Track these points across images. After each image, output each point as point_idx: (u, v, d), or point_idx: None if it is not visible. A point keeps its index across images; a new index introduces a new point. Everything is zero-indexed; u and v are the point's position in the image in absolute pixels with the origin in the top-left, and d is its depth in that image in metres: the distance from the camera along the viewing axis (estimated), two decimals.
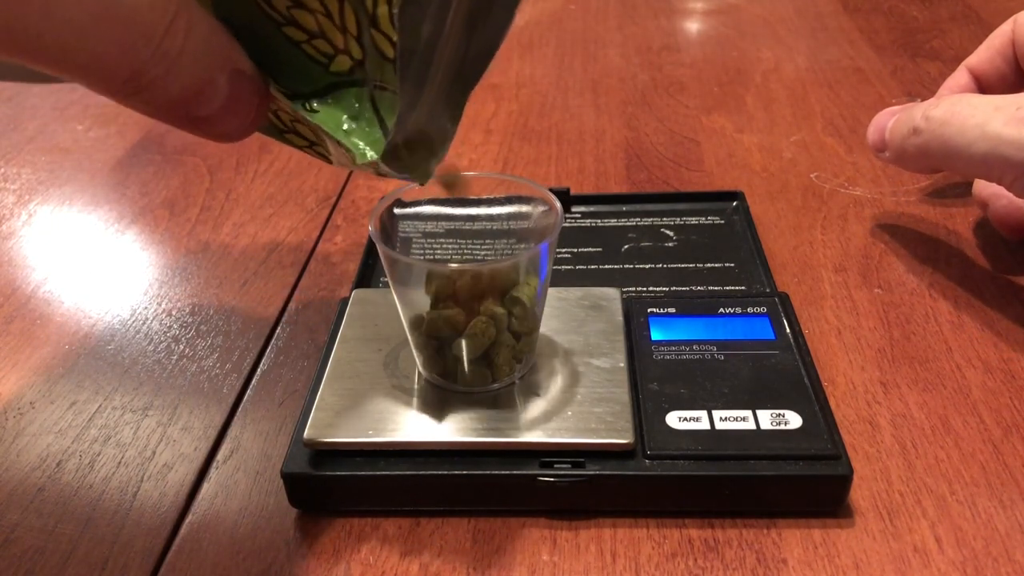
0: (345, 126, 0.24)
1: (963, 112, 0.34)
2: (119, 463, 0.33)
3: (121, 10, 0.20)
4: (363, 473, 0.29)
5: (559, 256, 0.42)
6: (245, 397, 0.36)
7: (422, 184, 0.25)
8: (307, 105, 0.24)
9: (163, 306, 0.41)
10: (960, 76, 0.43)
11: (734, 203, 0.45)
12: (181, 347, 0.38)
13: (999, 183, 0.34)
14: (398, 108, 0.22)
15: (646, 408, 0.31)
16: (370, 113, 0.24)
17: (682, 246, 0.42)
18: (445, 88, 0.23)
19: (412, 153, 0.24)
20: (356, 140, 0.24)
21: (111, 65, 0.20)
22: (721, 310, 0.35)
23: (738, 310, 0.35)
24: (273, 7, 0.23)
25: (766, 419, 0.30)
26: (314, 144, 0.26)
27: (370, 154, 0.24)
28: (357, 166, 0.25)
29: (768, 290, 0.38)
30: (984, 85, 0.42)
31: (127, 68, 0.20)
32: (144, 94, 0.21)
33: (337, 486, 0.30)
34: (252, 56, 0.23)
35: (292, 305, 0.41)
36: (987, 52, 0.42)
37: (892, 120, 0.39)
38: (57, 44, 0.19)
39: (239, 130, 0.24)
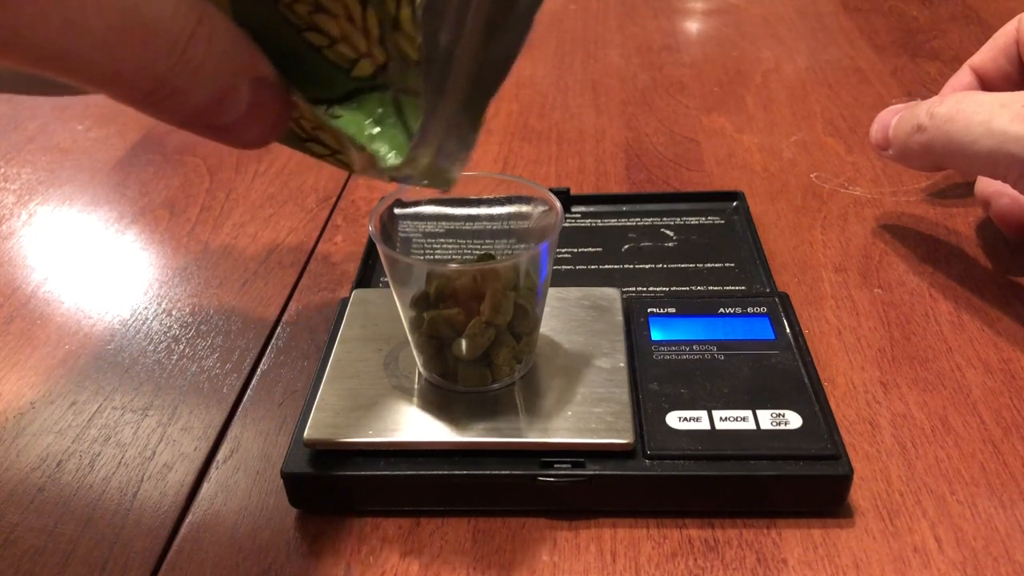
0: (368, 131, 0.24)
1: (968, 109, 0.34)
2: (119, 463, 0.33)
3: (143, 20, 0.19)
4: (363, 473, 0.29)
5: (559, 256, 0.42)
6: (245, 397, 0.36)
7: (445, 192, 0.25)
8: (329, 111, 0.24)
9: (163, 306, 0.41)
10: (963, 75, 0.43)
11: (734, 203, 0.45)
12: (181, 347, 0.38)
13: (1004, 180, 0.34)
14: (422, 112, 0.22)
15: (646, 408, 0.31)
16: (393, 118, 0.24)
17: (682, 246, 0.42)
18: (465, 96, 0.23)
19: (438, 159, 0.24)
20: (380, 145, 0.24)
21: (133, 75, 0.20)
22: (721, 310, 0.35)
23: (738, 310, 0.35)
24: (294, 12, 0.23)
25: (766, 419, 0.30)
26: (336, 152, 0.26)
27: (393, 159, 0.23)
28: (380, 172, 0.24)
29: (768, 290, 0.38)
30: (987, 84, 0.42)
31: (150, 78, 0.20)
32: (166, 103, 0.21)
33: (337, 486, 0.30)
34: (273, 63, 0.23)
35: (292, 305, 0.41)
36: (990, 51, 0.42)
37: (896, 118, 0.39)
38: (78, 56, 0.19)
39: (261, 137, 0.24)
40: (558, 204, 0.30)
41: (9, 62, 0.19)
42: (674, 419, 0.30)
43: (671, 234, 0.43)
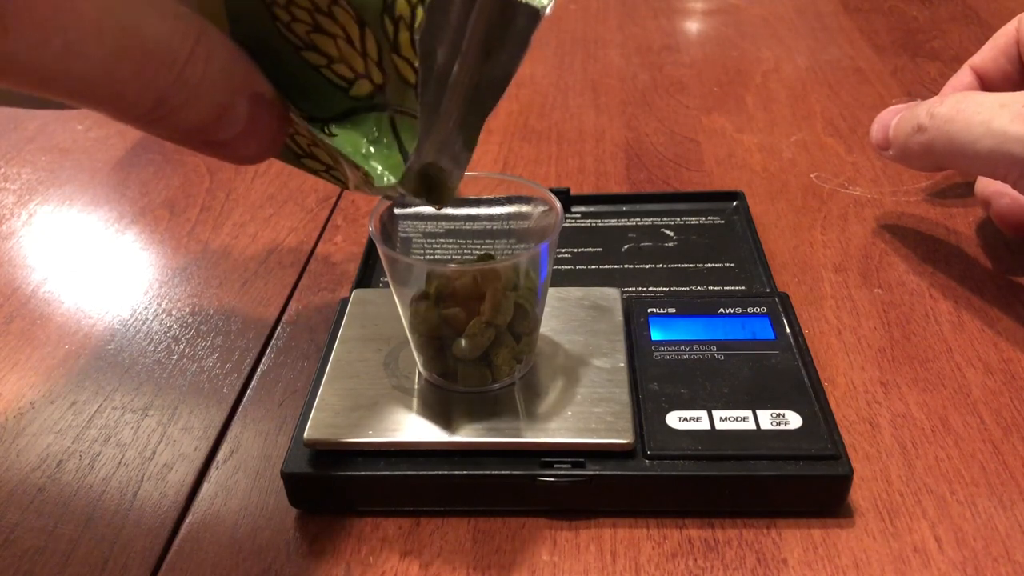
0: (364, 150, 0.24)
1: (968, 109, 0.34)
2: (119, 463, 0.33)
3: (142, 41, 0.19)
4: (363, 473, 0.29)
5: (559, 256, 0.42)
6: (245, 397, 0.36)
7: (438, 209, 0.25)
8: (325, 129, 0.24)
9: (163, 306, 0.41)
10: (964, 75, 0.43)
11: (734, 203, 0.45)
12: (181, 347, 0.38)
13: (1004, 180, 0.34)
14: (419, 132, 0.22)
15: (646, 408, 0.31)
16: (389, 137, 0.24)
17: (682, 246, 0.42)
18: (460, 115, 0.23)
19: (428, 178, 0.24)
20: (375, 164, 0.24)
21: (133, 96, 0.20)
22: (721, 310, 0.35)
23: (738, 310, 0.35)
24: (293, 32, 0.23)
25: (766, 419, 0.30)
26: (331, 168, 0.26)
27: (388, 178, 0.23)
28: (374, 190, 0.24)
29: (768, 290, 0.38)
30: (988, 84, 0.42)
31: (149, 98, 0.20)
32: (165, 121, 0.21)
33: (337, 486, 0.30)
34: (270, 80, 0.23)
35: (292, 305, 0.41)
36: (991, 51, 0.42)
37: (896, 118, 0.39)
38: (79, 78, 0.19)
39: (258, 154, 0.24)
40: (558, 204, 0.30)
41: (9, 85, 0.19)
42: (674, 419, 0.30)
43: (671, 234, 0.43)
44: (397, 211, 0.32)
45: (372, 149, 0.24)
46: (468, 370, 0.30)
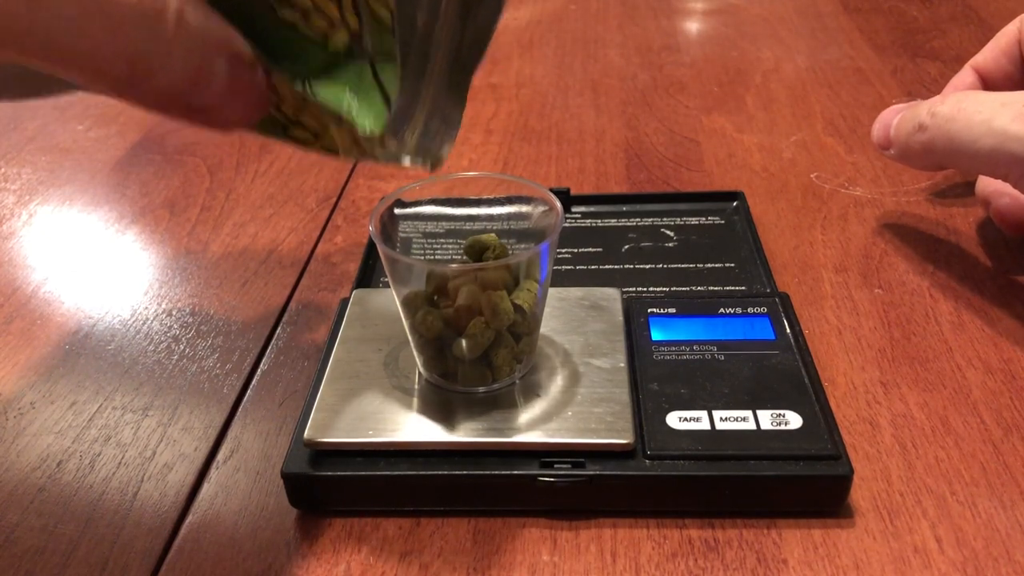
0: (346, 104, 0.24)
1: (969, 108, 0.34)
2: (119, 463, 0.33)
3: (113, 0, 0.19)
4: (363, 473, 0.29)
5: (559, 256, 0.42)
6: (245, 397, 0.36)
7: (434, 170, 0.25)
8: (306, 85, 0.24)
9: (163, 306, 0.41)
10: (965, 75, 0.43)
11: (734, 203, 0.45)
12: (181, 347, 0.38)
13: (1004, 179, 0.35)
14: (401, 84, 0.22)
15: (646, 408, 0.31)
16: (371, 87, 0.24)
17: (682, 246, 0.42)
18: (445, 76, 0.23)
19: (423, 139, 0.24)
20: (359, 115, 0.24)
21: (106, 57, 0.20)
22: (721, 310, 0.35)
23: (738, 310, 0.35)
24: None
25: (766, 419, 0.30)
26: (320, 136, 0.26)
27: (373, 126, 0.23)
28: (364, 154, 0.24)
29: (768, 290, 0.38)
30: (989, 85, 0.42)
31: (122, 59, 0.20)
32: (141, 85, 0.21)
33: (337, 486, 0.30)
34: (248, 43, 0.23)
35: (292, 305, 0.41)
36: (992, 52, 0.42)
37: (897, 117, 0.39)
38: (48, 39, 0.19)
39: (241, 117, 0.23)
40: (558, 204, 0.30)
41: None
42: (674, 419, 0.30)
43: (671, 234, 0.43)
44: (397, 211, 0.32)
45: (355, 102, 0.24)
46: (468, 370, 0.30)
